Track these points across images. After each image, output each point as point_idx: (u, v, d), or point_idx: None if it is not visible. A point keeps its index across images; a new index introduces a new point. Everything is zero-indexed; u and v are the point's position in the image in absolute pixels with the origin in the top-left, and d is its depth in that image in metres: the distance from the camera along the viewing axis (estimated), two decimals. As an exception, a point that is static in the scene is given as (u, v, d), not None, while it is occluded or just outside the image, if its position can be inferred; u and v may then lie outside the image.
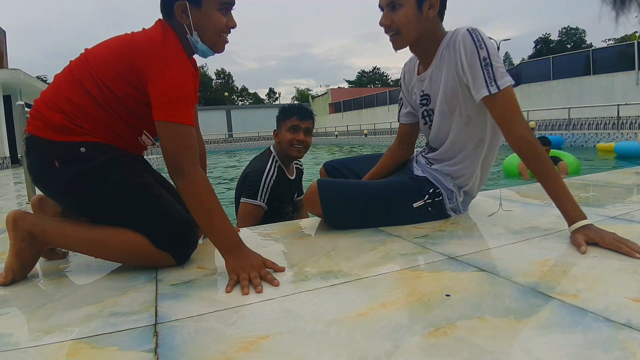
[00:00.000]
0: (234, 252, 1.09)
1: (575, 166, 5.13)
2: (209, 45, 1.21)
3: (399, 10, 1.36)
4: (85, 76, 1.14)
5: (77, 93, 1.14)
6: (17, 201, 3.76)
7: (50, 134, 1.13)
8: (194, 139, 1.13)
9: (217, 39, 1.21)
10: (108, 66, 1.13)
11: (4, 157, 11.49)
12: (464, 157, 1.50)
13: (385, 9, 1.39)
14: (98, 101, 1.13)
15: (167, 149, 1.10)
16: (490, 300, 0.85)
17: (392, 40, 1.42)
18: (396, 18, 1.36)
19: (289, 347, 0.72)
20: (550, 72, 16.84)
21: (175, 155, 1.09)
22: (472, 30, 1.33)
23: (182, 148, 1.10)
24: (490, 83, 1.29)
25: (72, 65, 1.18)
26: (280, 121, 2.10)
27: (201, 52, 1.23)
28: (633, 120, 12.65)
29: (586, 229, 1.15)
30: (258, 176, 2.00)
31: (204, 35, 1.19)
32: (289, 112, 2.08)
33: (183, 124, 1.10)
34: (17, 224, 1.12)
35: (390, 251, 1.22)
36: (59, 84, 1.17)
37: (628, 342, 0.66)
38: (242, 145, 26.06)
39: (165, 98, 1.09)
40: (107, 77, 1.13)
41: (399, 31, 1.38)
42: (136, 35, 1.17)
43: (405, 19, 1.36)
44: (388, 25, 1.38)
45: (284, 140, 2.07)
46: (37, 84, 12.38)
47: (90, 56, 1.16)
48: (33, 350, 0.76)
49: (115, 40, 1.17)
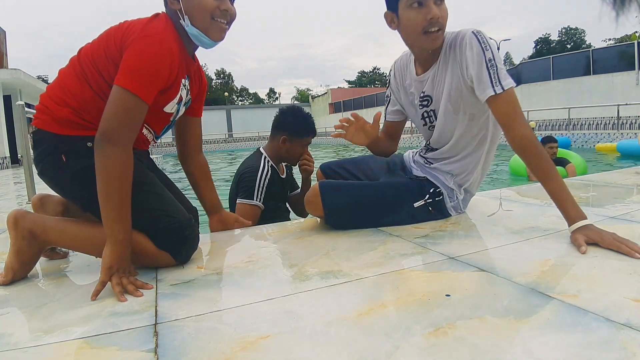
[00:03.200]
0: (118, 248, 1.03)
1: (583, 167, 5.07)
2: (200, 29, 1.19)
3: (442, 5, 1.32)
4: (88, 66, 1.14)
5: (80, 86, 1.14)
6: (17, 201, 3.76)
7: (57, 128, 1.14)
8: (140, 115, 1.09)
9: (208, 21, 1.19)
10: (100, 51, 1.14)
11: (4, 157, 11.48)
12: (467, 154, 1.51)
13: (432, 4, 1.31)
14: (99, 94, 1.13)
15: (108, 114, 1.05)
16: (490, 300, 0.85)
17: (434, 37, 1.34)
18: (444, 13, 1.32)
19: (289, 347, 0.72)
20: (550, 72, 16.85)
21: (112, 122, 1.04)
22: (477, 32, 1.34)
23: (124, 118, 1.05)
24: (495, 83, 1.29)
25: (76, 58, 1.19)
26: (296, 132, 2.08)
27: (193, 36, 1.21)
28: (633, 120, 12.66)
29: (586, 229, 1.15)
30: (253, 176, 2.00)
31: (194, 18, 1.18)
32: (309, 130, 2.11)
33: (135, 94, 1.06)
34: (17, 223, 1.12)
35: (390, 251, 1.22)
36: (63, 78, 1.18)
37: (628, 342, 0.66)
38: (242, 145, 26.05)
39: (128, 64, 1.07)
40: (100, 62, 1.13)
41: (443, 26, 1.34)
42: (131, 21, 1.18)
43: (447, 15, 1.34)
44: (441, 19, 1.32)
45: (294, 153, 2.10)
46: (37, 84, 12.39)
47: (91, 46, 1.17)
48: (33, 350, 0.76)
49: (113, 28, 1.18)
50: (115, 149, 1.04)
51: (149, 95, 1.09)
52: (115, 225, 1.04)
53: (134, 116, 1.08)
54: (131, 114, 1.07)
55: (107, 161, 1.03)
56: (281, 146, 2.08)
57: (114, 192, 1.04)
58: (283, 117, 2.12)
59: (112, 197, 1.04)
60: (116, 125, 1.04)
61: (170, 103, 1.23)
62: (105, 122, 1.04)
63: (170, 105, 1.23)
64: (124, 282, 1.01)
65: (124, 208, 1.05)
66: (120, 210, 1.05)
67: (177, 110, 1.29)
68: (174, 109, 1.27)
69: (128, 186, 1.06)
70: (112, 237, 1.03)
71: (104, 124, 1.04)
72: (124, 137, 1.06)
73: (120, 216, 1.05)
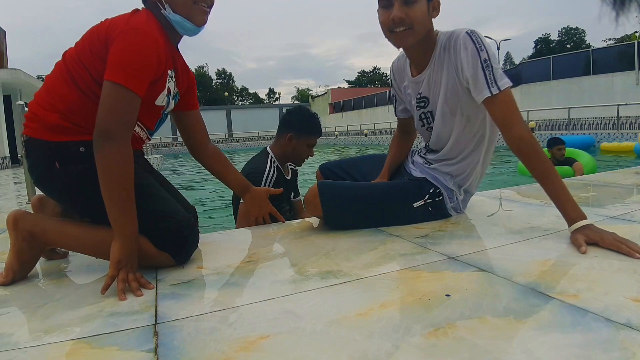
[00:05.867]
0: (127, 242, 1.05)
1: (592, 166, 4.97)
2: (183, 15, 1.20)
3: (414, 5, 1.33)
4: (75, 66, 1.14)
5: (67, 88, 1.13)
6: (17, 201, 3.76)
7: (48, 135, 1.13)
8: (134, 109, 1.09)
9: (190, 6, 1.19)
10: (85, 50, 1.13)
11: (4, 157, 11.49)
12: (466, 155, 1.51)
13: (396, 3, 1.33)
14: (87, 93, 1.13)
15: (102, 111, 1.05)
16: (490, 300, 0.85)
17: (400, 36, 1.36)
18: (411, 12, 1.33)
19: (289, 347, 0.72)
20: (550, 72, 16.85)
21: (108, 118, 1.04)
22: (471, 32, 1.33)
23: (118, 113, 1.05)
24: (492, 84, 1.29)
25: (61, 61, 1.18)
26: (302, 131, 2.09)
27: (177, 23, 1.21)
28: (633, 120, 12.65)
29: (586, 229, 1.15)
30: (258, 177, 2.00)
31: (176, 5, 1.18)
32: (316, 130, 2.13)
33: (127, 87, 1.06)
34: (17, 223, 1.12)
35: (390, 251, 1.22)
36: (50, 83, 1.17)
37: (628, 342, 0.66)
38: (242, 145, 26.04)
39: (115, 58, 1.06)
40: (87, 60, 1.13)
41: (411, 26, 1.34)
42: (113, 17, 1.18)
43: (420, 15, 1.34)
44: (401, 19, 1.33)
45: (300, 151, 2.11)
46: (37, 84, 12.38)
47: (75, 48, 1.17)
48: (33, 350, 0.76)
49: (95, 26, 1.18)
50: (113, 146, 1.04)
51: (140, 86, 1.08)
52: (122, 220, 1.05)
53: (129, 110, 1.07)
54: (125, 108, 1.06)
55: (107, 160, 1.04)
56: (287, 144, 2.10)
57: (117, 189, 1.05)
58: (290, 115, 2.15)
59: (116, 194, 1.05)
60: (111, 122, 1.04)
61: (160, 95, 1.22)
62: (101, 120, 1.04)
63: (160, 98, 1.23)
64: (129, 277, 1.02)
65: (129, 203, 1.07)
66: (125, 206, 1.06)
67: (168, 102, 1.28)
68: (165, 102, 1.26)
69: (130, 181, 1.07)
70: (120, 232, 1.05)
71: (100, 122, 1.04)
72: (121, 133, 1.06)
73: (126, 211, 1.06)
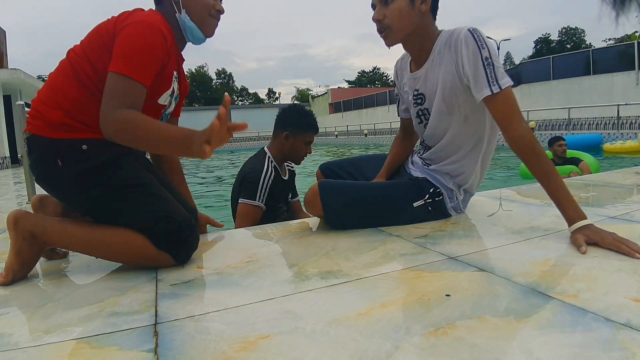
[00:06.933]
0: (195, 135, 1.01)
1: (596, 167, 4.97)
2: (197, 23, 1.23)
3: (391, 4, 1.35)
4: (80, 62, 1.14)
5: (71, 85, 1.14)
6: (17, 201, 3.76)
7: (51, 133, 1.13)
8: (140, 97, 1.08)
9: (206, 17, 1.23)
10: (92, 44, 1.14)
11: (4, 157, 11.49)
12: (463, 155, 1.50)
13: (377, 5, 1.38)
14: (91, 90, 1.13)
15: (105, 100, 1.05)
16: (490, 300, 0.85)
17: (383, 37, 1.41)
18: (388, 12, 1.36)
19: (289, 347, 0.72)
20: (550, 72, 16.85)
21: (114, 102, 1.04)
22: (473, 30, 1.33)
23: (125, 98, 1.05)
24: (492, 83, 1.28)
25: (65, 59, 1.18)
26: (298, 128, 2.09)
27: (189, 29, 1.24)
28: (633, 120, 12.65)
29: (586, 229, 1.15)
30: (257, 177, 2.01)
31: (192, 13, 1.22)
32: (311, 126, 2.12)
33: (130, 77, 1.06)
34: (17, 223, 1.12)
35: (390, 251, 1.22)
36: (54, 80, 1.17)
37: (628, 342, 0.66)
38: (242, 145, 26.03)
39: (120, 49, 1.07)
40: (93, 54, 1.13)
41: (389, 26, 1.37)
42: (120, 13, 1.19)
43: (398, 13, 1.35)
44: (380, 21, 1.38)
45: (298, 149, 2.11)
46: (37, 84, 12.38)
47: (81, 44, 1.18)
48: (33, 350, 0.76)
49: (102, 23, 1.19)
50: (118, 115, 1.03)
51: (145, 77, 1.08)
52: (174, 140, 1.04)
53: (134, 97, 1.07)
54: (129, 97, 1.06)
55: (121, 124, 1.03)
56: (284, 143, 2.09)
57: (147, 136, 1.05)
58: (285, 114, 2.15)
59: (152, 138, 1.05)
60: (117, 105, 1.04)
61: (164, 94, 1.22)
62: (104, 108, 1.05)
63: (164, 97, 1.23)
64: None
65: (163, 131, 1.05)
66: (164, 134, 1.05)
67: (170, 102, 1.29)
68: (167, 101, 1.26)
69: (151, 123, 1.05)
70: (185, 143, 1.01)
71: (103, 111, 1.04)
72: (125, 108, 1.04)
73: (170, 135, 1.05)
